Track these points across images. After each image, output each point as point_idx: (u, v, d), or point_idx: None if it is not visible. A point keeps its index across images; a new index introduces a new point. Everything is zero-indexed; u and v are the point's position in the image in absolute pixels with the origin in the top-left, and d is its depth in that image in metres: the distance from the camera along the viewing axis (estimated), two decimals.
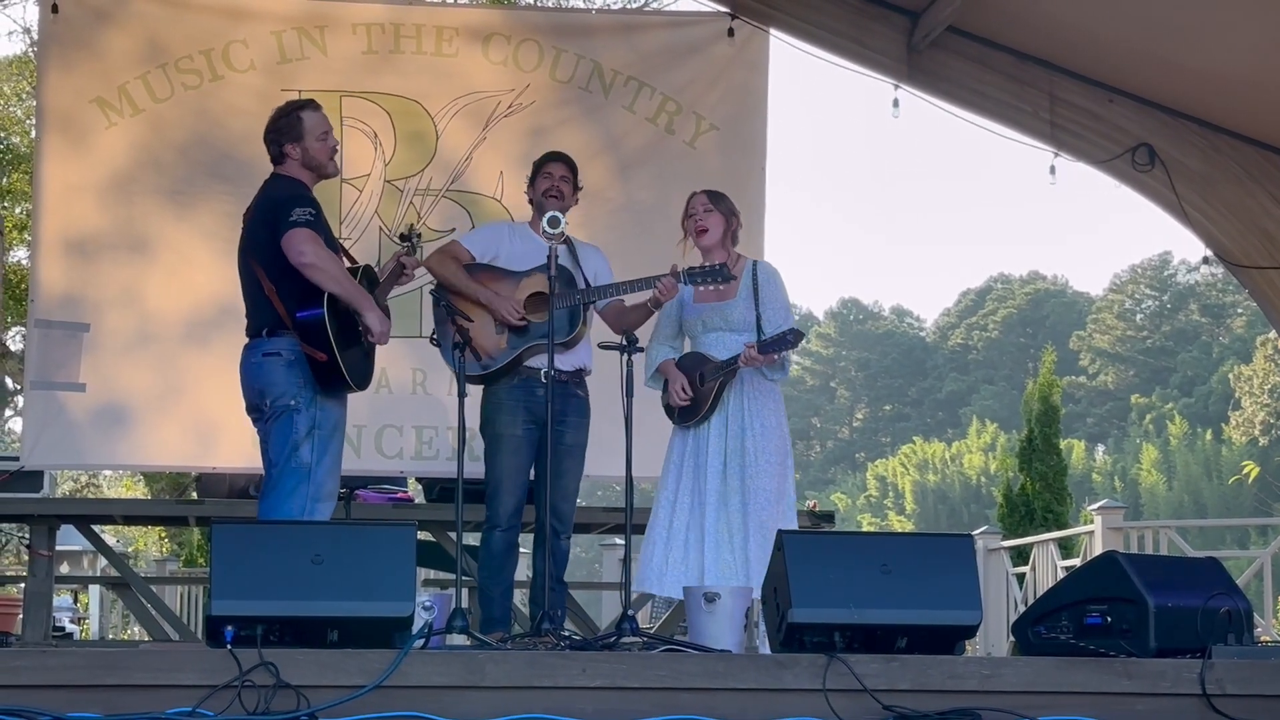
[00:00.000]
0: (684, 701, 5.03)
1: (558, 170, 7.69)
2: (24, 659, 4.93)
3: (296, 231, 6.56)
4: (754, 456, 7.32)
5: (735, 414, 7.38)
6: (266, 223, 6.69)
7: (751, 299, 7.46)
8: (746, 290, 7.48)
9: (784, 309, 7.56)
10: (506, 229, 7.78)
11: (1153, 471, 49.20)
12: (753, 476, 7.30)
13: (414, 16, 10.07)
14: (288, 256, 6.57)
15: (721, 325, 7.46)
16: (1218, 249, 10.23)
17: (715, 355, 7.41)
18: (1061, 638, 5.60)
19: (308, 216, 6.62)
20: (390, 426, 9.84)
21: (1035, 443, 15.88)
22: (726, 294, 7.45)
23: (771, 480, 7.33)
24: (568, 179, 7.69)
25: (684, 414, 7.45)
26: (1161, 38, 9.41)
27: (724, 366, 7.34)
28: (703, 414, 7.38)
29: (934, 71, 9.98)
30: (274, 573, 5.10)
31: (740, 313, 7.45)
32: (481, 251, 7.58)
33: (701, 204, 7.59)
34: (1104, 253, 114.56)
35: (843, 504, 55.73)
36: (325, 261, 6.61)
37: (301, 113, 6.96)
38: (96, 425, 9.68)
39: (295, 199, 6.70)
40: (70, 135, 9.73)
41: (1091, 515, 12.96)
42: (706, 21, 10.27)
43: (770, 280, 7.55)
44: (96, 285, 9.71)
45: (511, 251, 7.51)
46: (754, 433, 7.36)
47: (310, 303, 6.62)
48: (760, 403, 7.41)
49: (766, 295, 7.48)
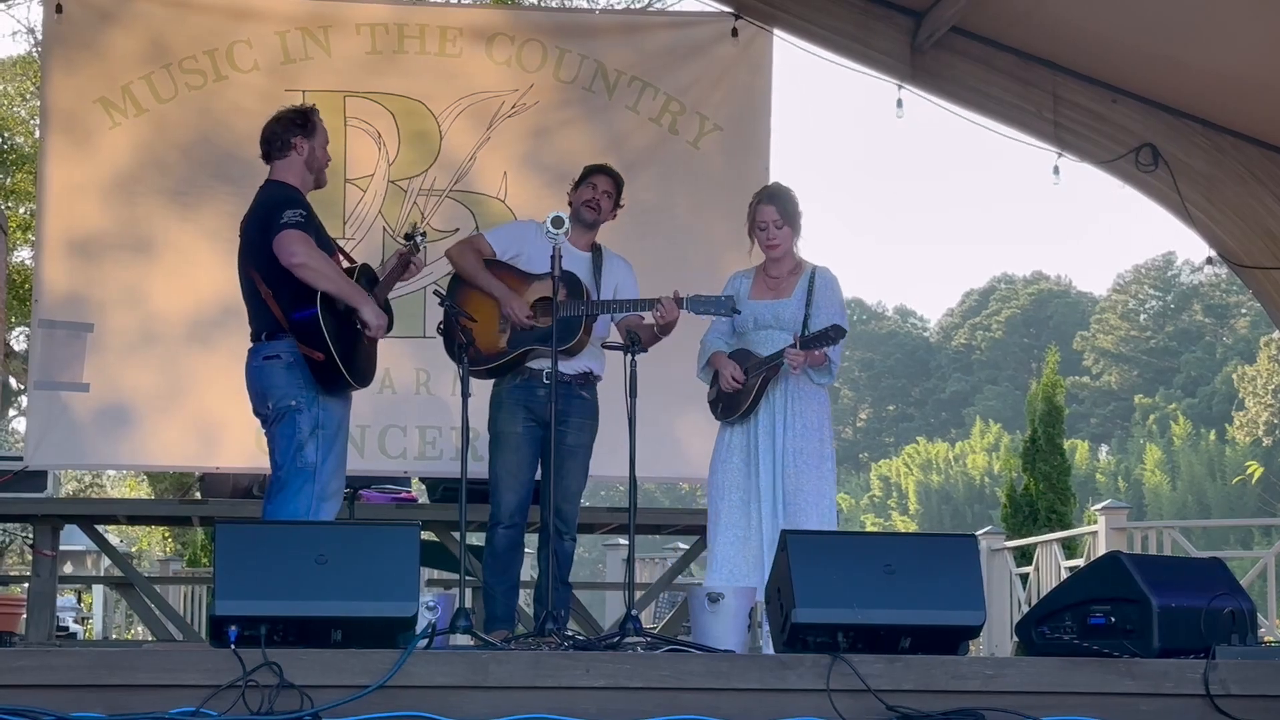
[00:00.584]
0: (687, 701, 5.03)
1: (602, 184, 7.68)
2: (28, 659, 4.95)
3: (286, 233, 6.58)
4: (794, 455, 7.31)
5: (780, 411, 7.36)
6: (261, 228, 6.72)
7: (804, 301, 7.45)
8: (802, 292, 7.46)
9: (837, 314, 7.48)
10: (534, 228, 7.63)
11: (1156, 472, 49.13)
12: (789, 476, 7.29)
13: (418, 17, 10.07)
14: (279, 258, 6.59)
15: (773, 323, 7.45)
16: (1221, 249, 10.23)
17: (760, 352, 7.40)
18: (1065, 638, 5.60)
19: (298, 218, 6.63)
20: (394, 426, 9.84)
21: (1039, 443, 15.86)
22: (782, 292, 7.46)
23: (810, 480, 7.31)
24: (610, 194, 7.68)
25: (727, 409, 7.44)
26: (1166, 38, 9.40)
27: (766, 361, 7.32)
28: (745, 409, 7.37)
29: (938, 72, 9.98)
30: (278, 573, 5.11)
31: (791, 313, 7.44)
32: (503, 249, 7.58)
33: (773, 219, 7.47)
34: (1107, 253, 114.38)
35: (846, 504, 55.67)
36: (316, 261, 6.62)
37: (315, 116, 7.01)
38: (100, 425, 9.69)
39: (286, 201, 6.73)
40: (74, 135, 9.74)
41: (1095, 515, 12.96)
42: (710, 22, 10.27)
43: (827, 286, 7.52)
44: (100, 285, 9.72)
45: (535, 251, 7.45)
46: (795, 432, 7.34)
47: (304, 303, 6.63)
48: (805, 403, 7.39)
49: (821, 299, 7.46)
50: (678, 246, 9.84)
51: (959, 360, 72.07)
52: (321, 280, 6.63)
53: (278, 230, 6.58)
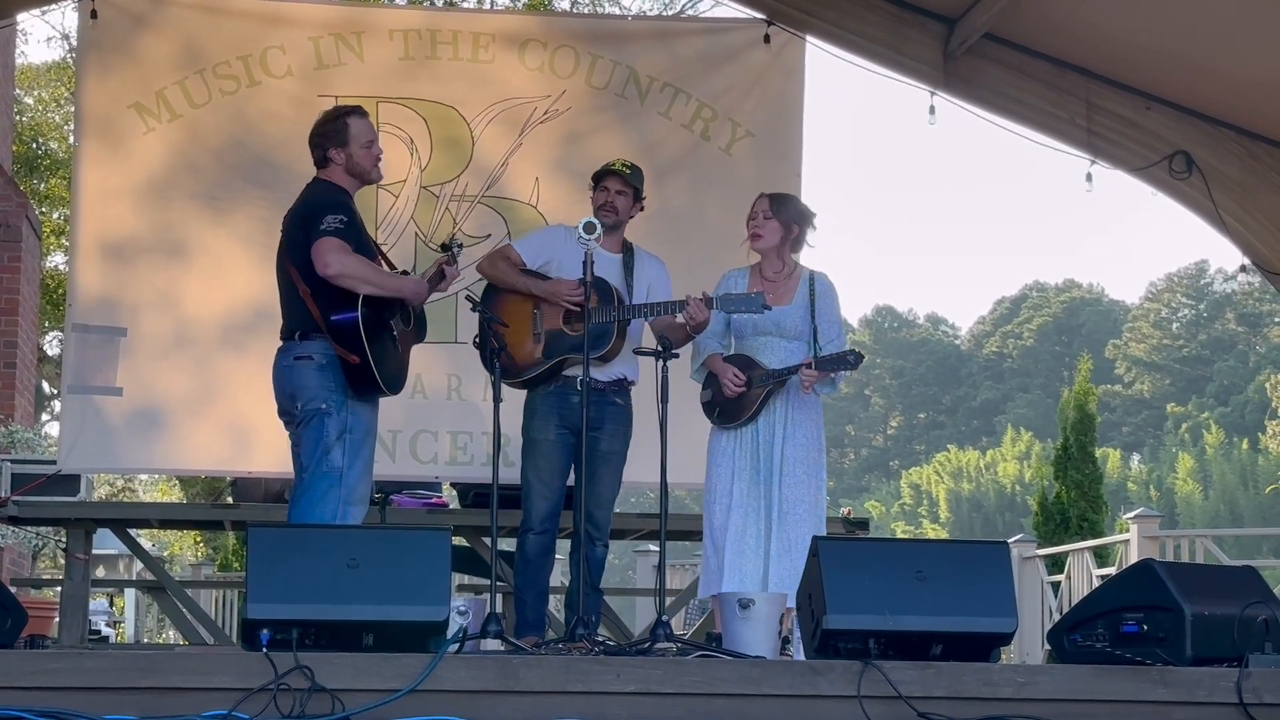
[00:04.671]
0: (718, 707, 5.03)
1: (614, 185, 7.66)
2: (60, 661, 4.96)
3: (323, 241, 6.58)
4: (791, 466, 7.33)
5: (779, 422, 7.39)
6: (303, 226, 6.72)
7: (808, 309, 7.46)
8: (803, 299, 7.47)
9: (837, 324, 7.57)
10: (562, 233, 7.65)
11: (1188, 481, 49.00)
12: (789, 486, 7.31)
13: (450, 23, 10.09)
14: (315, 269, 6.59)
15: (773, 330, 7.46)
16: (1255, 257, 10.19)
17: (763, 359, 7.41)
18: (1097, 646, 5.58)
19: (338, 224, 6.63)
20: (425, 431, 9.85)
21: (1071, 451, 15.82)
22: (781, 299, 7.45)
23: (806, 490, 7.34)
24: (624, 193, 7.65)
25: (725, 415, 7.45)
26: (1200, 45, 9.37)
27: (776, 375, 7.34)
28: (746, 418, 7.38)
29: (970, 79, 9.96)
30: (309, 576, 5.12)
31: (793, 321, 7.45)
32: (533, 257, 7.59)
33: (763, 209, 7.57)
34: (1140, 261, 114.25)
35: (877, 512, 55.60)
36: (351, 267, 6.62)
37: (349, 119, 6.99)
38: (132, 429, 9.71)
39: (330, 205, 6.72)
40: (108, 140, 9.77)
41: (1127, 524, 12.92)
42: (743, 28, 10.25)
43: (827, 293, 7.55)
44: (133, 289, 9.74)
45: (564, 256, 7.46)
46: (794, 443, 7.38)
47: (345, 306, 6.63)
48: (803, 413, 7.42)
49: (823, 308, 7.48)
50: (709, 252, 9.78)
51: (990, 368, 71.96)
52: (360, 285, 6.64)
53: (316, 237, 6.59)
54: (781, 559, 7.18)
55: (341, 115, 7.02)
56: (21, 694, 4.76)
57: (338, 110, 7.08)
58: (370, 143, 7.01)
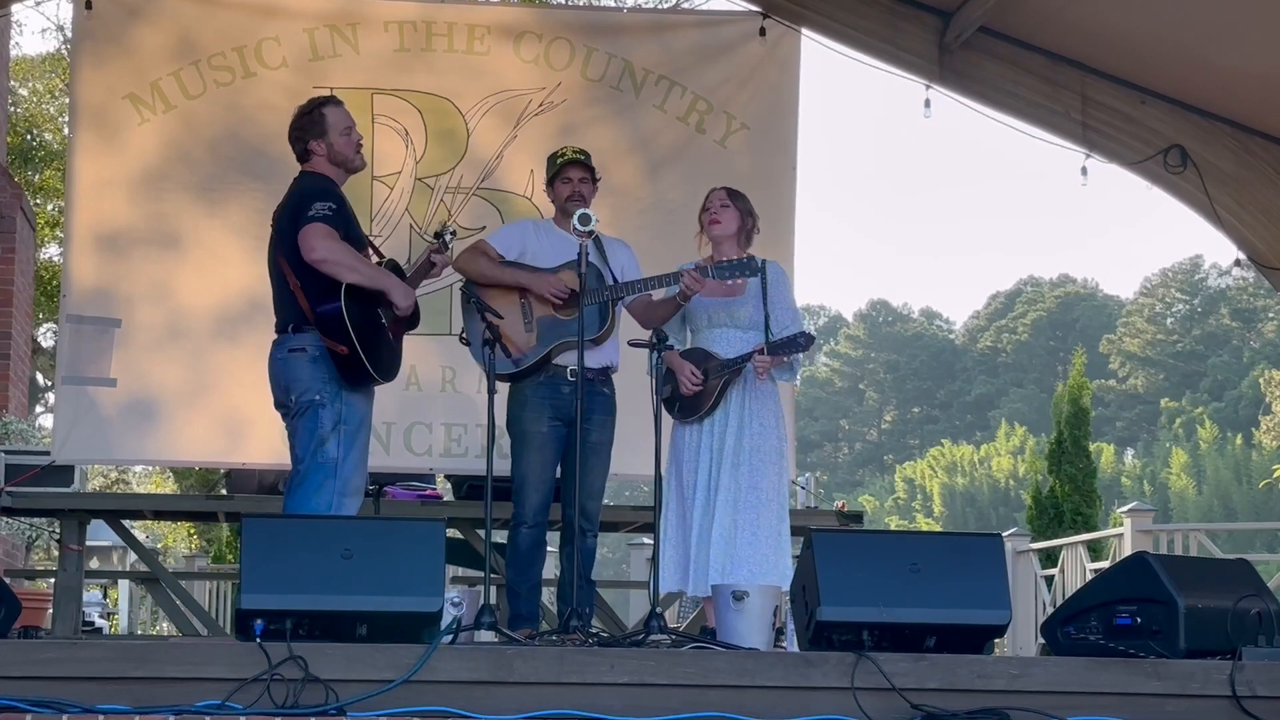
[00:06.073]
0: (712, 699, 5.03)
1: (576, 174, 7.67)
2: (54, 651, 4.95)
3: (310, 228, 6.59)
4: (751, 454, 7.35)
5: (736, 412, 7.41)
6: (291, 218, 6.73)
7: (760, 299, 7.48)
8: (755, 289, 7.49)
9: (792, 311, 7.64)
10: (530, 226, 7.81)
11: (1182, 475, 49.04)
12: (749, 474, 7.33)
13: (446, 14, 10.08)
14: (302, 254, 6.59)
15: (727, 322, 7.49)
16: (1250, 252, 10.20)
17: (719, 351, 7.44)
18: (1091, 638, 5.58)
19: (325, 211, 6.63)
20: (419, 424, 9.86)
21: (1065, 445, 15.83)
22: (735, 290, 7.46)
23: (771, 477, 7.37)
24: (586, 180, 7.69)
25: (685, 409, 7.47)
26: (1195, 39, 9.38)
27: (730, 365, 7.36)
28: (705, 410, 7.40)
29: (966, 72, 9.97)
30: (303, 567, 5.12)
31: (748, 311, 7.48)
32: (507, 249, 7.61)
33: (719, 199, 7.66)
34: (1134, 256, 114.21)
35: (870, 506, 55.62)
36: (337, 254, 6.61)
37: (324, 109, 7.00)
38: (127, 420, 9.71)
39: (319, 193, 6.73)
40: (103, 131, 9.76)
41: (1121, 518, 12.91)
42: (738, 21, 10.27)
43: (779, 281, 7.59)
44: (128, 281, 9.74)
45: (539, 248, 7.54)
46: (752, 431, 7.40)
47: (329, 297, 6.63)
48: (761, 402, 7.44)
49: (775, 296, 7.52)
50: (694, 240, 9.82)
51: (984, 363, 71.98)
52: (345, 272, 6.63)
53: (304, 223, 6.59)
54: (745, 548, 7.21)
55: (316, 106, 7.02)
56: (15, 684, 4.75)
57: (312, 103, 7.08)
58: (348, 129, 7.01)
